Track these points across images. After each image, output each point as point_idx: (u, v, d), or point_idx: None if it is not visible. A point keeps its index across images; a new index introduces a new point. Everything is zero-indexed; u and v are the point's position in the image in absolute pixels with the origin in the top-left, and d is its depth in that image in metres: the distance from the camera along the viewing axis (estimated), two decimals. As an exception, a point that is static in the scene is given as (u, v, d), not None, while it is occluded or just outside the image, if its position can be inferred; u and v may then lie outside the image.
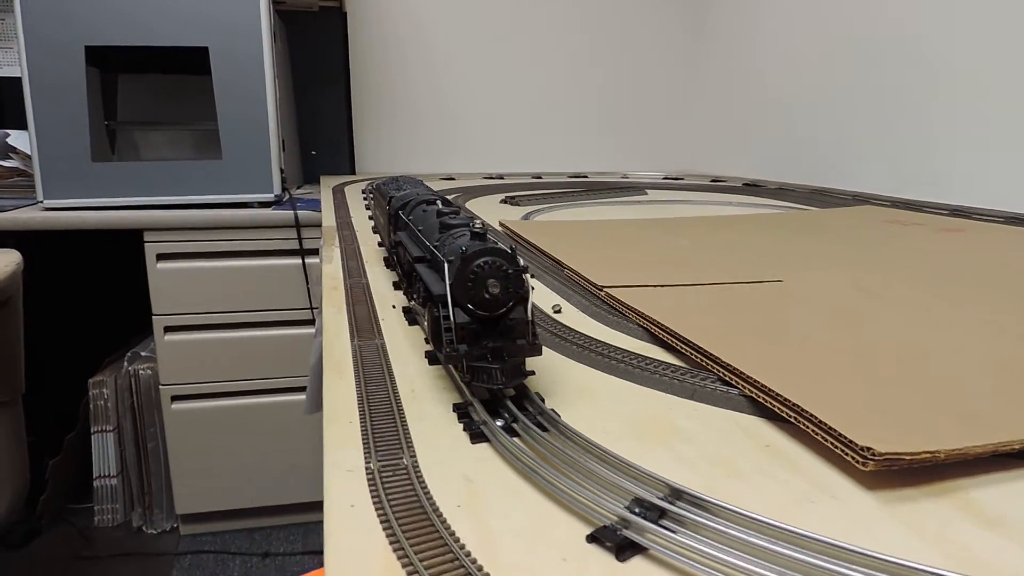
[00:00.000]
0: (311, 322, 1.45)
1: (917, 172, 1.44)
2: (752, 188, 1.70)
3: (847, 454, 0.32)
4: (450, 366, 0.45)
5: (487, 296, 0.39)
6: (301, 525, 1.62)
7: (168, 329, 1.41)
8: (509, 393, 0.40)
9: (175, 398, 1.45)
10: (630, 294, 0.59)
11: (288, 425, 1.50)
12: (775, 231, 0.98)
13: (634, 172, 2.23)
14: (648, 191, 1.63)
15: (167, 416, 1.45)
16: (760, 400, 0.39)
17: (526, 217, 1.17)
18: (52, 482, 1.56)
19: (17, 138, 1.52)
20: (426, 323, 0.46)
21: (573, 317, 0.59)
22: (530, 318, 0.40)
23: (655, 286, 0.63)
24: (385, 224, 0.77)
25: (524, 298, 0.40)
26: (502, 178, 1.94)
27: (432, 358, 0.49)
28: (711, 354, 0.44)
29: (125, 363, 1.52)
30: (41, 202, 1.31)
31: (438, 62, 2.12)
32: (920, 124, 1.43)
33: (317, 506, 1.60)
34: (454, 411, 0.40)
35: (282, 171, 1.41)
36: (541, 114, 2.24)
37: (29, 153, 1.33)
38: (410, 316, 0.59)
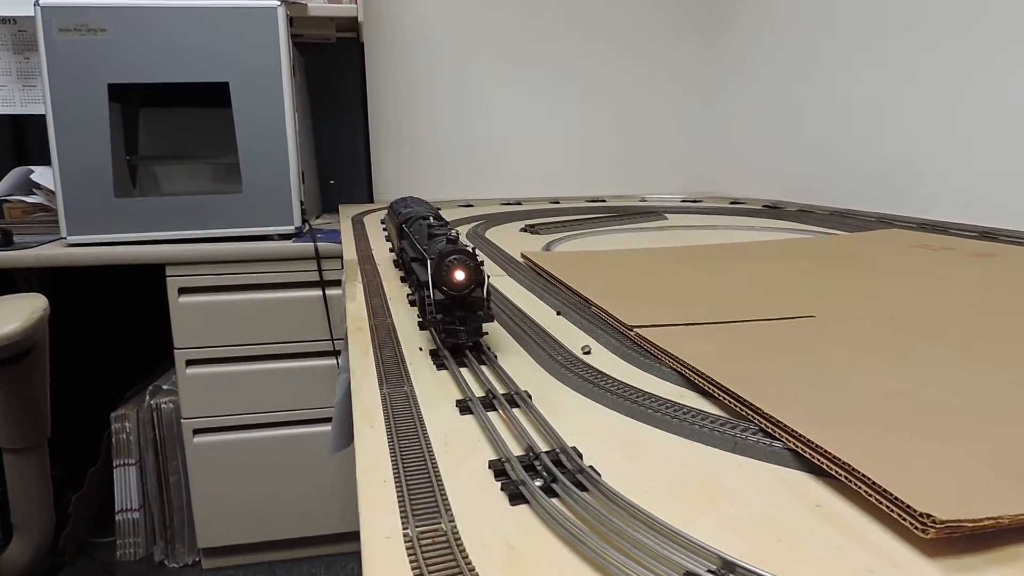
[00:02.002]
0: (332, 354, 1.45)
1: (944, 193, 1.43)
2: (773, 210, 1.69)
3: (904, 519, 0.31)
4: (484, 419, 0.45)
5: (455, 281, 0.56)
6: (323, 558, 1.60)
7: (190, 363, 1.41)
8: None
9: (197, 431, 1.44)
10: (661, 335, 0.58)
11: (310, 457, 1.50)
12: (802, 259, 0.97)
13: (651, 195, 2.22)
14: (667, 215, 1.62)
15: (189, 449, 1.45)
16: (806, 455, 0.38)
17: (547, 247, 1.16)
18: (74, 516, 1.56)
19: (41, 174, 1.54)
20: (417, 301, 0.69)
21: (604, 359, 0.58)
22: (485, 296, 0.57)
23: (685, 324, 0.62)
24: (395, 234, 1.01)
25: (481, 283, 0.57)
26: (520, 203, 1.94)
27: (464, 408, 0.48)
28: (752, 404, 0.43)
29: (147, 397, 1.52)
30: (64, 238, 1.33)
31: (454, 89, 2.13)
32: (944, 143, 1.42)
33: (338, 538, 1.58)
34: (489, 468, 0.39)
35: (302, 203, 1.42)
36: (557, 138, 2.24)
37: (53, 189, 1.35)
38: (438, 360, 0.58)
